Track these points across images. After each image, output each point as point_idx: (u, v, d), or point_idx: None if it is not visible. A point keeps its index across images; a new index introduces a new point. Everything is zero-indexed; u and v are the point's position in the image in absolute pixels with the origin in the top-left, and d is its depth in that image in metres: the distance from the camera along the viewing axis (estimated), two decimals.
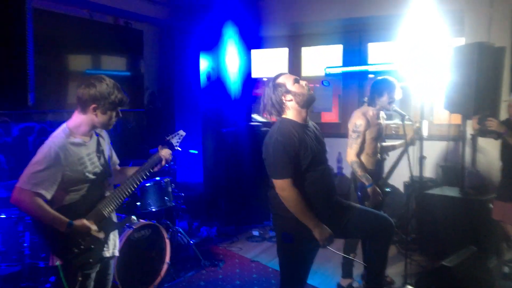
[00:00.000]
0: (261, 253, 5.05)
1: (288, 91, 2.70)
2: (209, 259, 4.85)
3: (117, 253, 2.65)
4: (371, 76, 6.39)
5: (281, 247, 2.83)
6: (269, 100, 2.75)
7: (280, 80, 2.74)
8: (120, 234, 3.87)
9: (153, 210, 4.50)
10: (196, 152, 4.95)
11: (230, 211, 6.14)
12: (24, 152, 4.77)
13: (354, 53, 6.56)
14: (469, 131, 4.87)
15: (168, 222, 4.81)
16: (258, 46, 7.16)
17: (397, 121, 5.29)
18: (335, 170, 6.39)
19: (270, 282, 4.32)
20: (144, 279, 4.07)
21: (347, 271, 4.07)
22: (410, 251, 4.78)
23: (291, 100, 2.70)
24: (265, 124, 6.45)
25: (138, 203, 4.49)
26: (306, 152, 2.63)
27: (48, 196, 2.30)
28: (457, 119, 5.23)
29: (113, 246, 2.62)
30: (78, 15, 5.23)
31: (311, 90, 2.77)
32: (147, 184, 4.49)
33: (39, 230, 2.41)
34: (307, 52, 7.07)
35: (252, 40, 6.98)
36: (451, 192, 4.77)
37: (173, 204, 4.69)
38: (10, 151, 4.59)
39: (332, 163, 6.41)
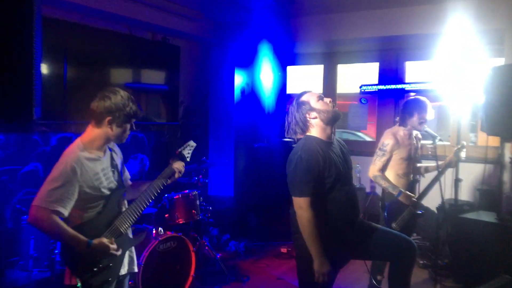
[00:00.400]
0: (287, 271, 4.99)
1: (312, 109, 2.69)
2: (235, 274, 4.84)
3: (135, 269, 2.63)
4: (411, 94, 6.29)
5: (300, 266, 2.79)
6: (293, 119, 2.75)
7: (304, 98, 2.74)
8: (145, 246, 3.94)
9: (180, 222, 4.55)
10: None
11: (260, 227, 6.13)
12: None
13: (391, 71, 6.47)
14: (508, 154, 4.68)
15: (196, 235, 4.86)
16: (294, 62, 7.19)
17: (428, 142, 5.15)
18: (368, 189, 6.28)
19: None
20: None
21: None
22: (442, 276, 4.63)
23: (316, 117, 2.69)
24: (298, 141, 6.43)
25: (166, 215, 4.55)
26: (330, 171, 2.60)
27: (66, 213, 2.25)
28: (495, 141, 5.04)
29: (129, 262, 2.58)
30: (118, 31, 5.42)
31: (335, 107, 2.76)
32: (175, 197, 4.55)
33: (60, 249, 2.40)
34: (342, 69, 7.03)
35: (288, 56, 7.03)
36: (487, 217, 4.57)
37: (200, 217, 4.73)
38: (48, 160, 4.76)
39: (366, 181, 6.31)
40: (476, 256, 4.41)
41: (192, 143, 2.86)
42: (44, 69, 4.79)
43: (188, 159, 2.79)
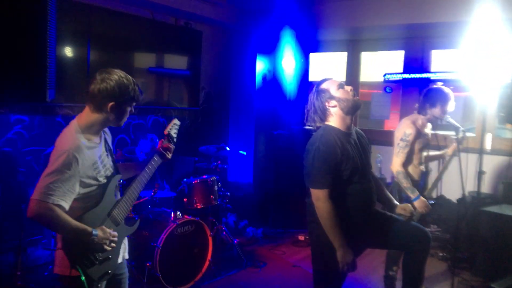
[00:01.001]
0: (304, 259, 4.99)
1: (332, 97, 2.64)
2: (251, 259, 4.88)
3: (127, 256, 2.54)
4: (438, 84, 6.16)
5: (315, 255, 2.79)
6: (312, 106, 2.70)
7: (324, 85, 2.69)
8: (162, 229, 3.99)
9: (199, 207, 4.59)
10: (244, 153, 5.00)
11: (278, 214, 6.13)
12: None
13: (416, 60, 6.33)
14: None
15: (214, 219, 4.90)
16: (316, 49, 7.11)
17: (451, 133, 5.04)
18: (388, 180, 6.20)
19: None
20: (185, 274, 4.16)
21: (388, 286, 3.94)
22: (461, 269, 4.57)
23: (335, 106, 2.64)
24: (317, 129, 6.39)
25: (185, 199, 4.60)
26: (348, 164, 2.57)
27: (67, 206, 2.11)
28: None
29: (123, 250, 2.49)
30: (141, 15, 5.45)
31: (356, 96, 2.71)
32: (194, 182, 4.59)
33: (62, 242, 2.21)
34: (366, 57, 6.92)
35: (310, 43, 6.95)
36: (510, 211, 4.47)
37: (219, 202, 4.76)
38: None
39: (387, 172, 6.23)
40: (496, 250, 4.33)
41: (176, 121, 2.77)
42: (68, 52, 4.86)
43: (175, 139, 2.69)
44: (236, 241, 4.95)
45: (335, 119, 2.66)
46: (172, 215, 4.21)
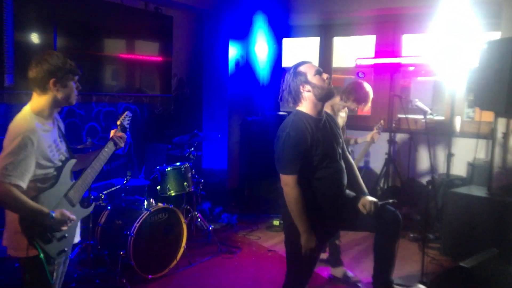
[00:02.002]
0: (279, 243, 5.03)
1: (307, 82, 2.63)
2: (226, 245, 4.89)
3: (78, 239, 2.63)
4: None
5: (287, 238, 2.81)
6: (287, 87, 2.69)
7: (301, 68, 2.68)
8: (135, 217, 3.95)
9: (172, 194, 4.56)
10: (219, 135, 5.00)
11: (252, 199, 6.16)
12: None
13: (387, 45, 6.39)
14: (500, 129, 4.66)
15: (188, 207, 4.88)
16: (289, 35, 7.10)
17: (420, 116, 5.13)
18: (361, 164, 6.28)
19: (284, 271, 4.28)
20: (160, 262, 4.14)
21: (336, 260, 4.08)
22: (431, 249, 4.68)
23: (309, 91, 2.64)
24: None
25: (158, 187, 4.56)
26: (318, 149, 2.59)
27: (25, 186, 2.19)
28: (488, 116, 5.01)
29: (78, 232, 2.61)
30: (110, 0, 5.32)
31: (331, 84, 2.71)
32: (167, 169, 4.55)
33: (19, 220, 2.26)
34: (339, 42, 6.94)
35: (283, 28, 6.92)
36: (478, 191, 4.60)
37: (193, 189, 4.74)
38: None
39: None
40: (466, 230, 4.45)
41: (128, 113, 2.90)
42: (34, 38, 4.72)
43: (127, 129, 2.82)
44: (210, 227, 4.95)
45: (307, 104, 2.67)
46: (145, 203, 4.17)
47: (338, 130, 2.84)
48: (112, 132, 2.74)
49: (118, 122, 2.79)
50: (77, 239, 2.60)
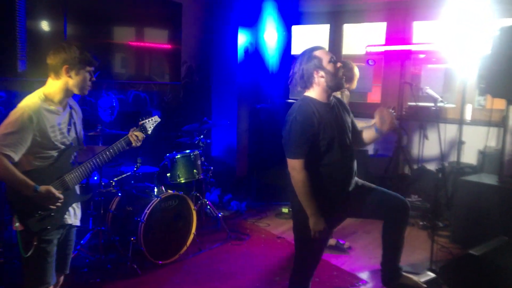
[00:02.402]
0: (288, 230, 5.05)
1: (322, 67, 2.61)
2: (235, 232, 4.92)
3: (78, 223, 2.68)
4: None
5: (296, 223, 2.82)
6: (300, 70, 2.65)
7: (317, 53, 2.64)
8: (146, 204, 3.99)
9: (182, 181, 4.59)
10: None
11: (262, 187, 6.18)
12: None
13: (398, 32, 6.33)
14: None
15: (198, 194, 4.91)
16: (299, 22, 7.05)
17: (430, 104, 5.08)
18: (371, 152, 6.26)
19: (293, 258, 4.32)
20: (170, 248, 4.18)
21: None
22: (441, 237, 4.68)
23: (322, 77, 2.61)
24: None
25: (168, 174, 4.59)
26: (325, 134, 2.58)
27: (16, 158, 2.31)
28: (500, 104, 4.96)
29: (74, 216, 2.65)
30: None
31: (343, 76, 2.68)
32: (177, 156, 4.57)
33: (6, 191, 2.42)
34: (349, 29, 6.88)
35: (293, 16, 6.88)
36: (489, 179, 4.57)
37: (202, 177, 4.76)
38: None
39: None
40: (476, 218, 4.43)
41: (157, 119, 2.95)
42: (45, 26, 4.74)
43: (149, 132, 2.87)
44: (220, 214, 4.99)
45: (316, 89, 2.65)
46: (156, 190, 4.21)
47: (347, 114, 2.82)
48: (131, 130, 2.81)
49: (140, 122, 2.88)
50: (76, 222, 2.66)
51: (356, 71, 4.12)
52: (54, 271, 2.52)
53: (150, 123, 2.91)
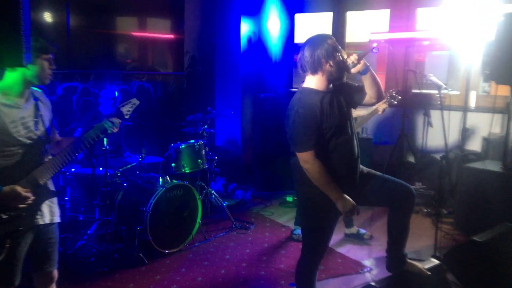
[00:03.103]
0: (292, 219, 5.07)
1: (333, 57, 2.56)
2: (241, 221, 4.96)
3: (57, 220, 2.54)
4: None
5: (304, 213, 2.84)
6: (312, 56, 2.58)
7: (331, 42, 2.59)
8: (151, 194, 4.02)
9: (187, 171, 4.62)
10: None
11: (266, 176, 6.19)
12: (69, 111, 4.99)
13: (402, 19, 6.28)
14: None
15: (203, 183, 4.94)
16: (302, 10, 7.00)
17: (434, 91, 5.06)
18: (375, 140, 6.25)
19: (298, 246, 4.34)
20: (176, 237, 4.23)
21: (348, 223, 4.49)
22: (445, 224, 4.69)
23: (331, 66, 2.56)
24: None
25: (173, 164, 4.62)
26: (328, 122, 2.57)
27: None
28: (504, 90, 4.94)
29: (50, 213, 2.49)
30: None
31: (349, 70, 2.62)
32: (181, 146, 4.59)
33: None
34: (352, 17, 6.84)
35: (295, 4, 6.84)
36: (493, 166, 4.56)
37: (207, 166, 4.78)
38: (54, 110, 4.78)
39: (372, 131, 6.29)
40: (480, 204, 4.44)
41: (135, 101, 2.77)
42: (47, 17, 4.75)
43: (126, 117, 2.70)
44: (225, 204, 5.02)
45: (319, 77, 2.61)
46: (161, 180, 4.24)
47: (348, 100, 2.77)
48: (105, 117, 2.68)
49: (118, 107, 2.73)
50: (54, 219, 2.52)
51: None
52: (20, 272, 2.39)
53: (127, 107, 2.73)
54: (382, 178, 2.82)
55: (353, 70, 2.62)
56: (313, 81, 2.64)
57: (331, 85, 2.69)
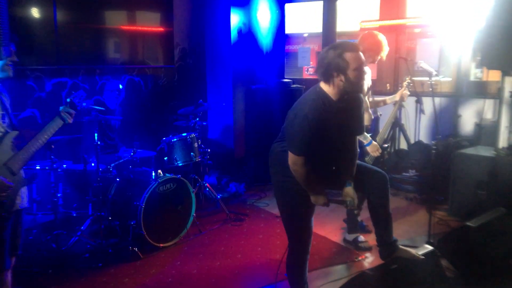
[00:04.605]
0: None
1: (344, 72, 2.48)
2: (235, 213, 4.95)
3: (26, 205, 2.73)
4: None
5: (278, 199, 2.88)
6: (323, 64, 2.53)
7: (347, 56, 2.47)
8: (144, 188, 4.00)
9: (180, 164, 4.60)
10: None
11: (259, 168, 6.19)
12: (58, 107, 4.93)
13: (392, 6, 6.25)
14: (508, 88, 4.60)
15: (196, 176, 4.92)
16: None
17: (425, 78, 5.06)
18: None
19: None
20: (170, 231, 4.22)
21: (351, 227, 4.14)
22: (440, 211, 4.71)
23: (341, 81, 2.50)
24: (295, 81, 6.36)
25: (165, 158, 4.60)
26: (326, 131, 2.57)
27: None
28: (496, 76, 4.95)
29: (25, 199, 2.69)
30: None
31: (360, 88, 2.61)
32: (173, 140, 4.57)
33: None
34: (343, 5, 6.79)
35: None
36: (485, 151, 4.58)
37: (199, 159, 4.77)
38: (44, 106, 4.76)
39: None
40: (473, 190, 4.46)
41: (83, 93, 2.95)
42: (34, 13, 4.70)
43: (78, 107, 2.87)
44: (219, 196, 5.01)
45: (332, 88, 2.55)
46: (153, 174, 4.21)
47: (357, 116, 2.75)
48: (61, 109, 2.79)
49: (68, 100, 2.86)
50: (23, 204, 2.68)
51: (381, 38, 3.73)
52: (7, 255, 2.58)
53: (77, 98, 2.89)
54: (359, 165, 2.84)
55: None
56: (328, 88, 2.58)
57: (346, 96, 2.61)
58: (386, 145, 3.94)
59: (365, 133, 3.66)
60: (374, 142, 3.72)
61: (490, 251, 3.16)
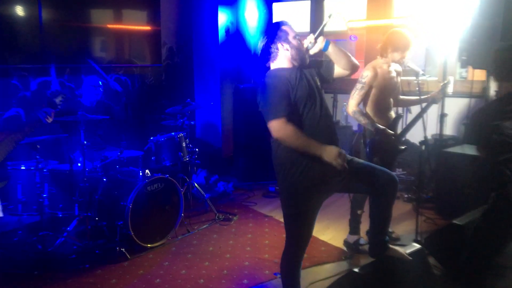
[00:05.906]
0: (275, 209, 5.09)
1: (287, 41, 2.63)
2: (223, 213, 4.94)
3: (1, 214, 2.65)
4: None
5: (285, 201, 2.82)
6: (265, 43, 2.67)
7: (283, 27, 2.68)
8: (132, 188, 3.96)
9: (168, 164, 4.57)
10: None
11: (248, 167, 6.19)
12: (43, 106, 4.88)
13: (379, 5, 6.29)
14: (493, 87, 4.66)
15: (184, 176, 4.90)
16: None
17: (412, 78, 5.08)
18: (355, 128, 6.29)
19: (281, 236, 4.34)
20: (158, 231, 4.19)
21: (354, 228, 4.06)
22: (426, 209, 4.75)
23: (287, 50, 2.63)
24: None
25: (153, 158, 4.57)
26: (299, 91, 2.53)
27: None
28: (481, 75, 5.00)
29: None
30: None
31: (308, 52, 2.67)
32: (161, 139, 4.54)
33: None
34: (330, 5, 6.82)
35: None
36: (471, 150, 4.63)
37: (188, 159, 4.74)
38: (29, 105, 4.69)
39: (353, 119, 6.30)
40: (459, 188, 4.50)
41: (64, 92, 2.97)
42: (19, 11, 4.63)
43: (58, 106, 2.84)
44: (207, 196, 4.99)
45: (283, 61, 2.66)
46: (141, 174, 4.18)
47: (316, 82, 2.73)
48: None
49: (49, 97, 2.86)
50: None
51: (409, 36, 3.69)
52: None
53: (59, 98, 2.88)
54: (365, 165, 2.80)
55: (313, 51, 2.67)
56: (280, 63, 2.67)
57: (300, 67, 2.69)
58: (403, 147, 3.92)
59: (373, 122, 3.66)
60: (383, 129, 3.67)
61: (477, 249, 3.19)
